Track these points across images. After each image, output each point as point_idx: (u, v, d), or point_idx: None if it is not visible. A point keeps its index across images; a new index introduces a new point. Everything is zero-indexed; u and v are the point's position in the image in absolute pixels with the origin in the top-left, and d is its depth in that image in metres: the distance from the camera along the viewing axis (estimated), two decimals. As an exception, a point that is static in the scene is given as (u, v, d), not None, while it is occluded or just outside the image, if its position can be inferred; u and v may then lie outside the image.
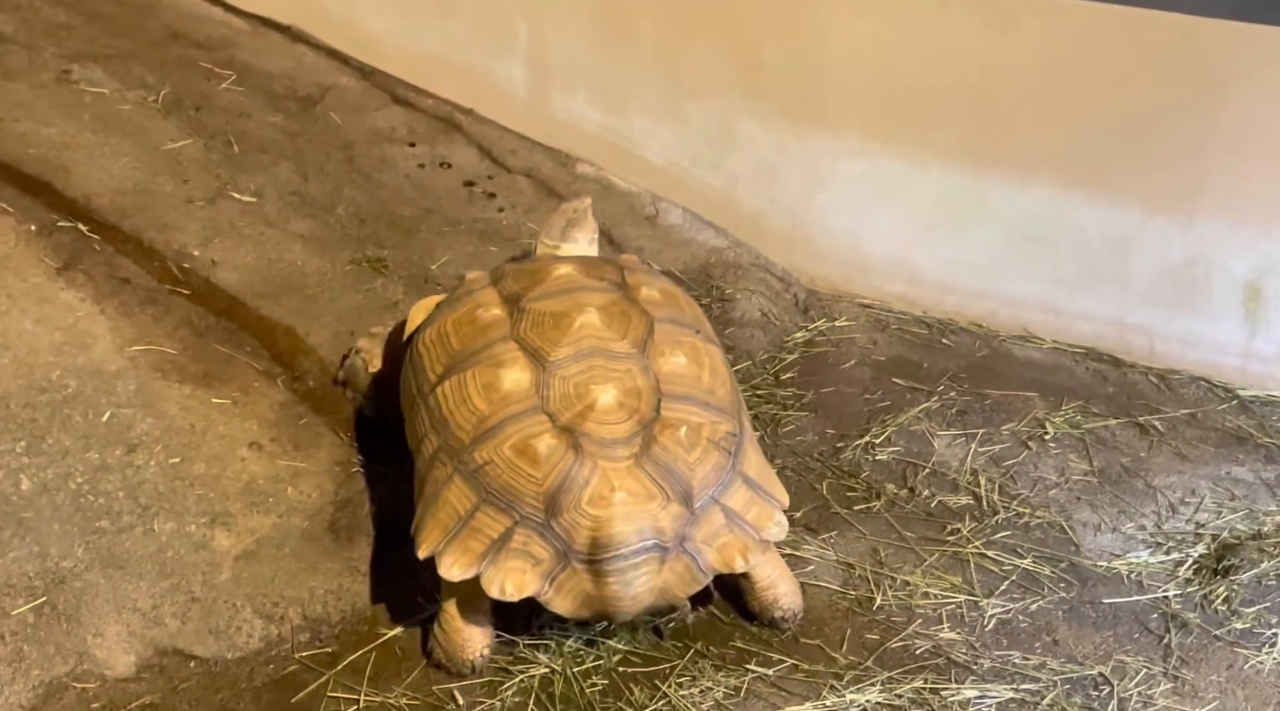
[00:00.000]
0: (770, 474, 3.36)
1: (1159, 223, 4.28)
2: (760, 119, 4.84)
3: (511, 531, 3.08)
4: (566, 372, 3.19)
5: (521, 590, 3.05)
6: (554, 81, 5.35)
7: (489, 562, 3.08)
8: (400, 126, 5.27)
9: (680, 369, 3.28)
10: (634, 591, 3.06)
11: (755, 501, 3.22)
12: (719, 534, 3.15)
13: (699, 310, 3.69)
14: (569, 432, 3.09)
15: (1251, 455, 4.02)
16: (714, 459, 3.17)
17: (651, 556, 3.05)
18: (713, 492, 3.16)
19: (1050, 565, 3.60)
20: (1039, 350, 4.56)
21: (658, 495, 3.07)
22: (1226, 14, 3.93)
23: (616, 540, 3.01)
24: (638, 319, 3.35)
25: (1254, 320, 4.26)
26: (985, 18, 4.30)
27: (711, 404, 3.26)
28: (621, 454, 3.09)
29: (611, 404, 3.13)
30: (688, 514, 3.11)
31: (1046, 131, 4.37)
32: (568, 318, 3.28)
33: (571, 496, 3.04)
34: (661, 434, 3.12)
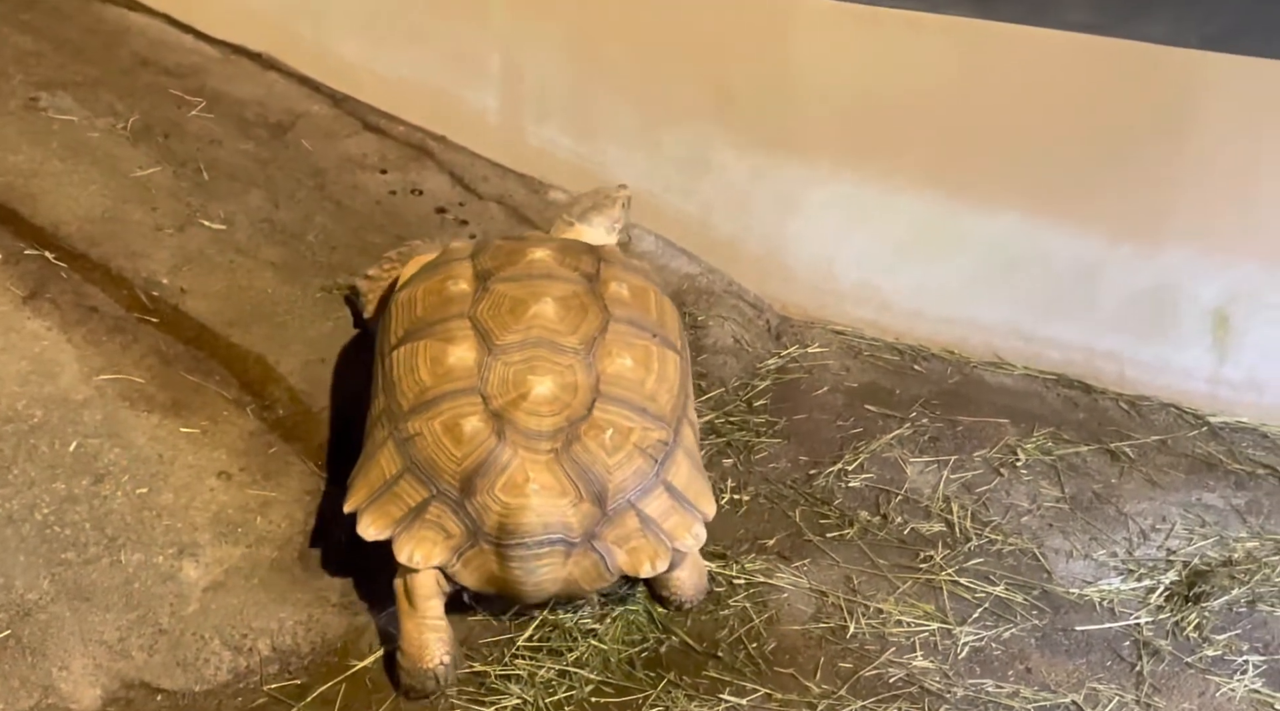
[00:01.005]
0: (701, 485, 3.39)
1: (1127, 249, 4.30)
2: (733, 146, 4.86)
3: (428, 503, 3.18)
4: (510, 359, 3.27)
5: (429, 560, 3.15)
6: (526, 108, 5.35)
7: (403, 529, 3.18)
8: (372, 153, 5.26)
9: (624, 371, 3.33)
10: (536, 578, 3.15)
11: (676, 511, 3.27)
12: (631, 537, 3.21)
13: (671, 312, 3.69)
14: (498, 418, 3.17)
15: (1222, 482, 4.04)
16: (636, 464, 3.23)
17: (556, 549, 3.13)
18: (630, 497, 3.21)
19: (1023, 592, 3.60)
20: (1010, 376, 4.58)
21: (570, 492, 3.14)
22: (1194, 44, 3.97)
23: (522, 529, 3.10)
24: (594, 315, 3.41)
25: (1222, 347, 4.29)
26: (955, 45, 4.33)
27: (649, 410, 3.31)
28: (543, 447, 3.16)
29: (545, 396, 3.21)
30: (599, 514, 3.17)
31: (1016, 158, 4.40)
32: (524, 305, 3.37)
33: (487, 480, 3.12)
34: (587, 433, 3.18)
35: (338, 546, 3.50)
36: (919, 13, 4.32)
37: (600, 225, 4.07)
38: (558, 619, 3.39)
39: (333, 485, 3.67)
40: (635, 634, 3.40)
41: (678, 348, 3.56)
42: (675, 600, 3.47)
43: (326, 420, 3.89)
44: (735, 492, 3.93)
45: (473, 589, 3.24)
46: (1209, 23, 3.92)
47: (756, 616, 3.48)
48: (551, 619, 3.39)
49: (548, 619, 3.39)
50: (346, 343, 4.16)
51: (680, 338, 3.65)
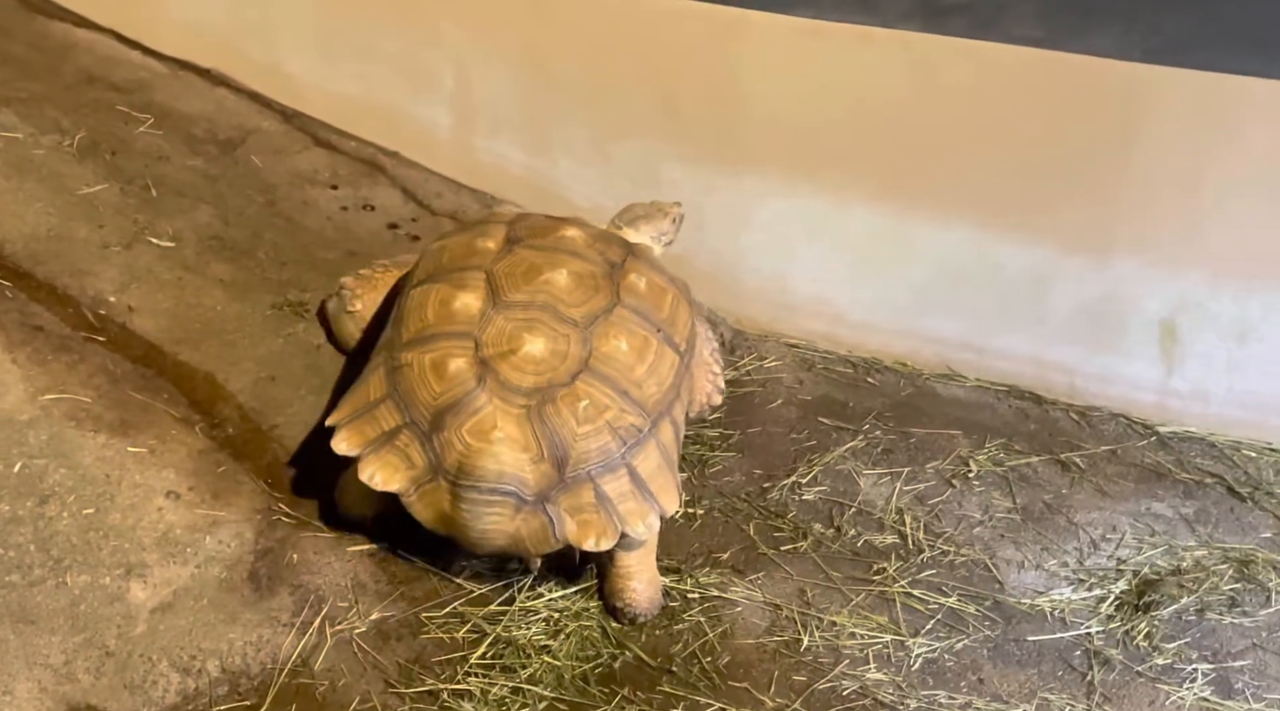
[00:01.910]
0: (666, 481, 3.45)
1: (1075, 262, 4.35)
2: (684, 160, 4.88)
3: (400, 430, 3.36)
4: (511, 315, 3.45)
5: (387, 484, 3.32)
6: (478, 124, 5.36)
7: (372, 449, 3.36)
8: (323, 169, 5.24)
9: (617, 353, 3.45)
10: (483, 525, 3.28)
11: (634, 496, 3.36)
12: (584, 510, 3.31)
13: (685, 319, 3.79)
14: (484, 365, 3.35)
15: (1170, 491, 4.09)
16: (603, 440, 3.34)
17: (507, 501, 3.25)
18: (591, 470, 3.32)
19: (975, 603, 3.63)
20: (962, 388, 4.61)
21: (533, 449, 3.27)
22: (1138, 57, 4.02)
23: (478, 472, 3.23)
24: (604, 296, 3.56)
25: (1169, 357, 4.34)
26: (905, 59, 4.37)
27: (631, 395, 3.42)
28: (518, 401, 3.31)
29: (534, 355, 3.36)
30: (557, 477, 3.29)
31: (966, 171, 4.44)
32: (539, 271, 3.55)
33: (457, 419, 3.29)
34: (563, 399, 3.32)
35: (288, 567, 3.48)
36: (868, 27, 4.36)
37: (646, 233, 4.16)
38: (510, 636, 3.38)
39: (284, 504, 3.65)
40: (589, 650, 3.39)
41: (680, 350, 3.67)
42: (629, 612, 3.48)
43: (277, 438, 3.87)
44: (690, 506, 3.93)
45: (425, 524, 3.36)
46: (1153, 36, 3.99)
47: (711, 630, 3.49)
48: (505, 636, 3.38)
49: (500, 636, 3.37)
50: (298, 359, 4.14)
51: (688, 344, 3.77)
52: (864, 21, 4.36)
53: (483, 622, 3.42)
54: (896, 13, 4.30)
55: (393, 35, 5.37)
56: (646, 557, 3.51)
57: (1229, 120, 4.00)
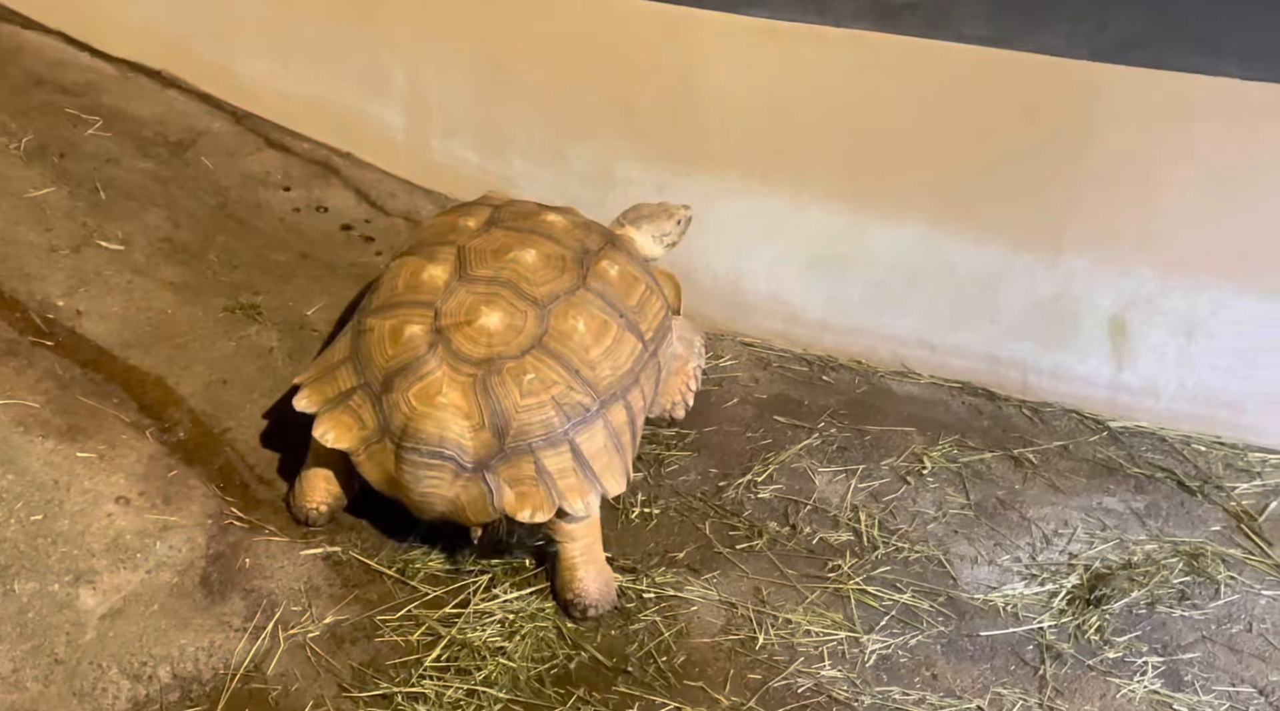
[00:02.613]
0: (611, 462, 3.52)
1: (1027, 259, 4.39)
2: (639, 159, 4.88)
3: (354, 391, 3.51)
4: (474, 288, 3.55)
5: (338, 442, 3.47)
6: (432, 124, 5.34)
7: (328, 408, 3.52)
8: (275, 171, 5.22)
9: (573, 333, 3.54)
10: (423, 488, 3.41)
11: (575, 473, 3.44)
12: (523, 482, 3.40)
13: (657, 311, 3.85)
14: (439, 334, 3.47)
15: (1121, 485, 4.13)
16: (546, 414, 3.43)
17: (445, 465, 3.38)
18: (532, 443, 3.41)
19: (929, 599, 3.65)
20: (916, 385, 4.64)
21: (474, 417, 3.38)
22: (1086, 55, 4.06)
23: (419, 435, 3.37)
24: (570, 279, 3.64)
25: (1120, 354, 4.39)
26: (858, 58, 4.39)
27: (582, 374, 3.51)
28: (466, 370, 3.42)
29: (488, 328, 3.47)
30: (497, 447, 3.39)
31: (919, 170, 4.46)
32: (508, 249, 3.64)
33: (406, 382, 3.42)
34: (509, 371, 3.42)
35: (240, 571, 3.46)
36: (821, 26, 4.38)
37: (648, 232, 4.20)
38: (465, 638, 3.38)
39: (236, 508, 3.63)
40: (545, 651, 3.39)
41: (644, 339, 3.72)
42: (579, 603, 3.50)
43: (229, 442, 3.85)
44: (645, 506, 3.94)
45: (371, 483, 3.51)
46: (1101, 35, 4.02)
47: (666, 630, 3.49)
48: (460, 638, 3.38)
49: (455, 638, 3.37)
50: (250, 362, 4.12)
51: (656, 336, 3.81)
52: (817, 21, 4.37)
53: (437, 625, 3.41)
54: (849, 12, 4.32)
55: (346, 35, 5.35)
56: (591, 548, 3.54)
57: (1177, 118, 4.04)
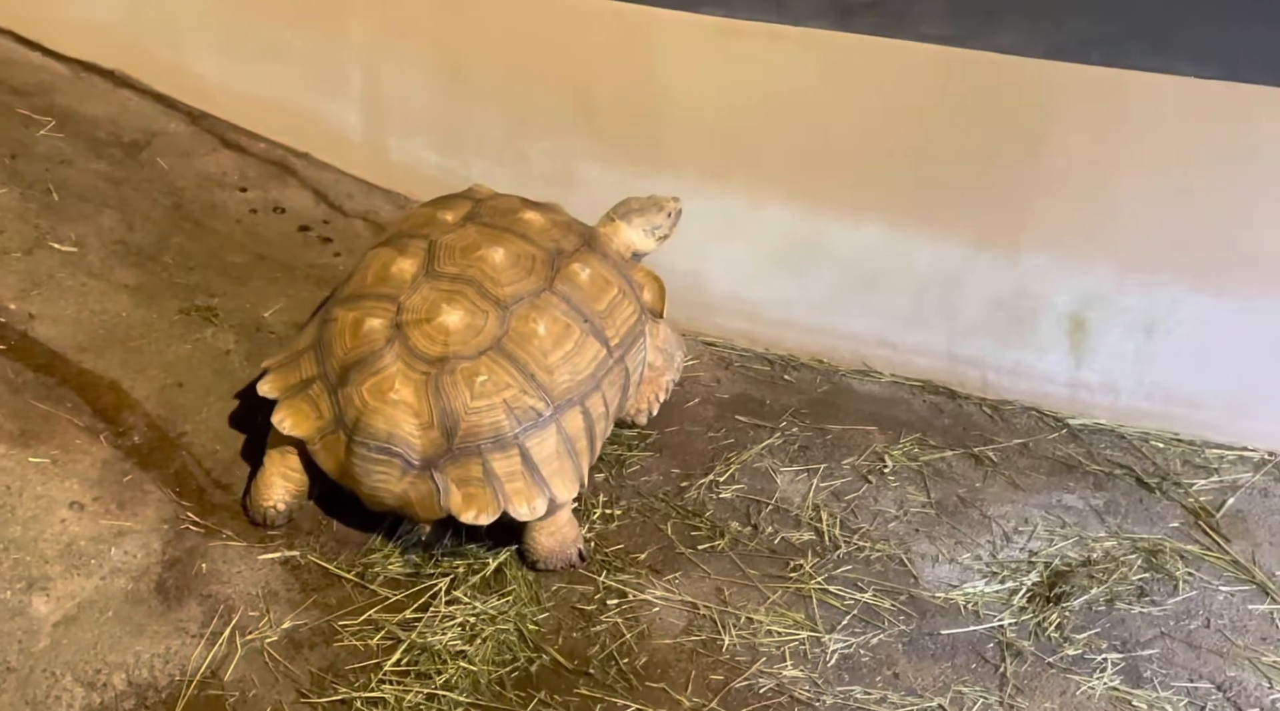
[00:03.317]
0: (562, 467, 3.53)
1: (986, 257, 4.41)
2: (599, 159, 4.88)
3: (314, 380, 3.55)
4: (438, 285, 3.56)
5: (295, 430, 3.51)
6: (390, 124, 5.32)
7: (288, 396, 3.57)
8: (231, 171, 5.18)
9: (532, 336, 3.54)
10: (372, 482, 3.45)
11: (523, 477, 3.46)
12: (471, 483, 3.43)
13: (627, 317, 3.84)
14: (398, 329, 3.49)
15: (1081, 483, 4.16)
16: (495, 417, 3.44)
17: (393, 461, 3.41)
18: (481, 444, 3.43)
19: (890, 598, 3.66)
20: (878, 384, 4.66)
21: (424, 415, 3.41)
22: (1042, 54, 4.08)
23: (369, 429, 3.41)
24: (536, 280, 3.64)
25: (1079, 351, 4.42)
26: (816, 57, 4.40)
27: (538, 379, 3.51)
28: (420, 368, 3.44)
29: (446, 326, 3.48)
30: (445, 446, 3.42)
31: (878, 169, 4.48)
32: (477, 247, 3.64)
33: (360, 376, 3.45)
34: (461, 371, 3.44)
35: (197, 576, 3.43)
36: (779, 25, 4.39)
37: (639, 226, 4.19)
38: (426, 642, 3.36)
39: (192, 513, 3.60)
40: (506, 654, 3.38)
41: (610, 346, 3.72)
42: (530, 557, 3.65)
43: (185, 446, 3.82)
44: (607, 507, 3.93)
45: (326, 472, 3.55)
46: (1057, 33, 4.05)
47: (628, 631, 3.49)
48: (420, 642, 3.36)
49: (415, 642, 3.35)
50: (206, 365, 4.09)
51: (624, 342, 3.80)
52: (775, 20, 4.38)
53: (397, 629, 3.39)
54: (807, 11, 4.33)
55: (302, 34, 5.32)
56: (553, 517, 3.59)
57: (1132, 116, 4.07)
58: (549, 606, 3.55)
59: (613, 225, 4.17)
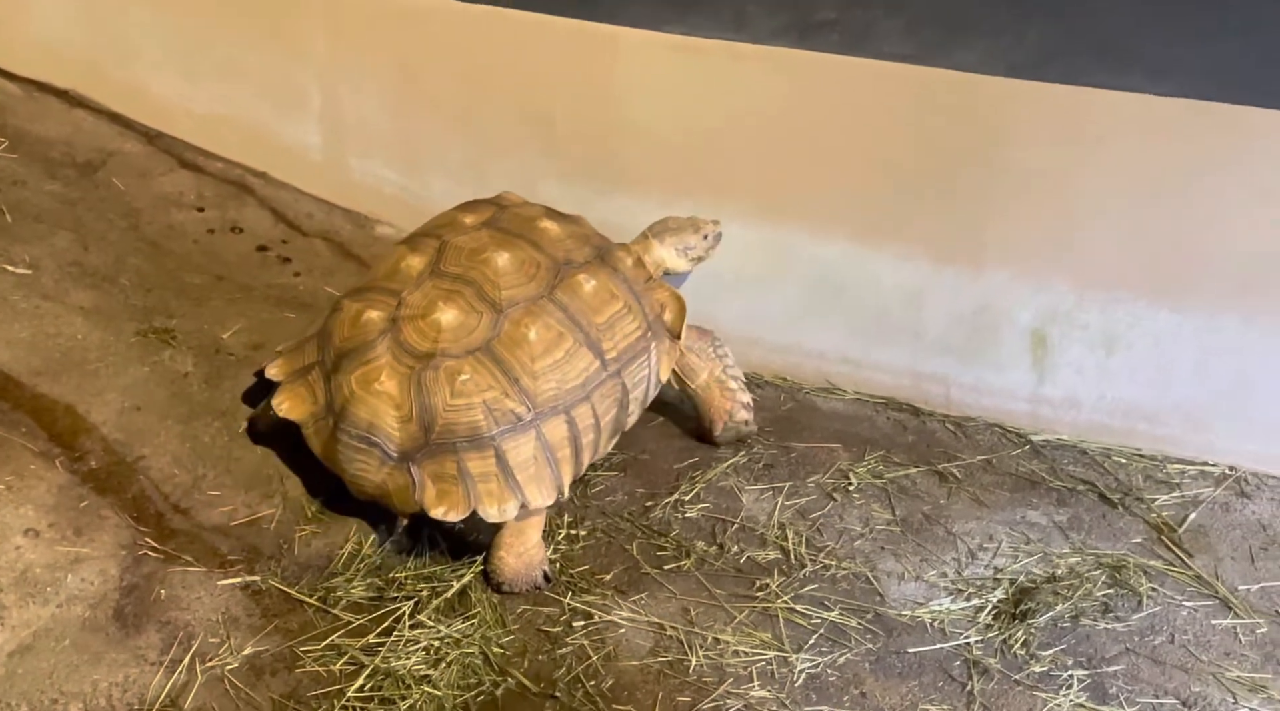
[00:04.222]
0: (538, 473, 3.57)
1: (948, 274, 4.43)
2: (561, 177, 4.88)
3: (313, 366, 3.72)
4: (440, 284, 3.67)
5: (291, 413, 3.68)
6: (350, 143, 5.30)
7: (289, 380, 3.75)
8: (188, 191, 5.14)
9: (522, 340, 3.60)
10: (354, 469, 3.57)
11: (496, 478, 3.51)
12: (444, 479, 3.50)
13: (628, 333, 3.86)
14: (394, 323, 3.61)
15: (1044, 499, 4.18)
16: (473, 416, 3.51)
17: (372, 451, 3.54)
18: (456, 442, 3.50)
19: (857, 616, 3.67)
20: (842, 401, 4.67)
21: (404, 409, 3.52)
22: (1002, 71, 4.12)
23: (351, 419, 3.55)
24: (536, 287, 3.72)
25: (1041, 367, 4.45)
26: (779, 76, 4.41)
27: (521, 383, 3.57)
28: (408, 362, 3.55)
29: (439, 323, 3.58)
30: (423, 440, 3.51)
31: (841, 187, 4.50)
32: (484, 250, 3.73)
33: (351, 365, 3.59)
34: (445, 369, 3.52)
35: (156, 602, 3.39)
36: (740, 43, 4.40)
37: (671, 246, 4.29)
38: (389, 667, 3.33)
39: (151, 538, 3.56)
40: (471, 678, 3.36)
41: (604, 359, 3.75)
42: (494, 578, 3.65)
43: (143, 469, 3.77)
44: (572, 528, 3.92)
45: (317, 455, 3.67)
46: (1016, 51, 4.08)
47: (594, 653, 3.47)
48: (384, 667, 3.33)
49: (379, 667, 3.33)
50: (164, 388, 4.04)
51: (623, 356, 3.82)
52: (736, 38, 4.40)
53: (360, 654, 3.36)
54: (768, 29, 4.35)
55: (258, 53, 5.30)
56: (523, 533, 3.62)
57: (1091, 133, 4.11)
58: (514, 629, 3.53)
59: (645, 242, 4.27)
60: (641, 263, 4.16)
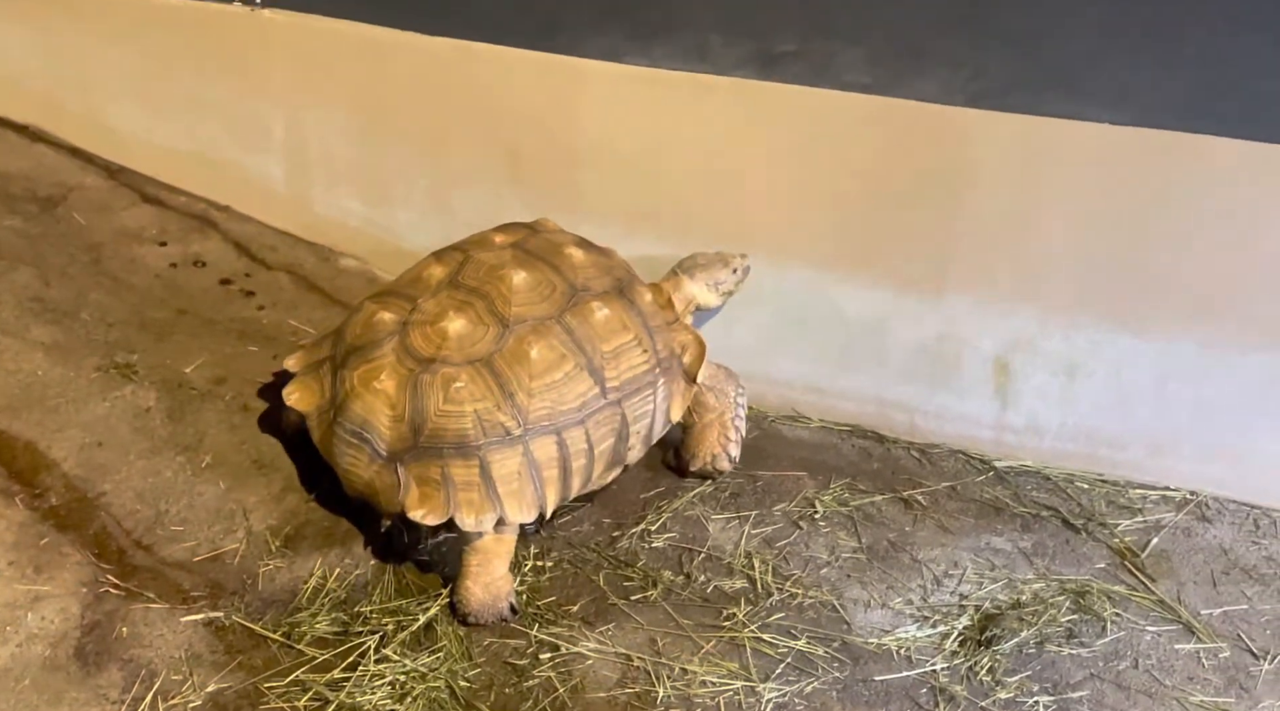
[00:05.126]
0: (522, 488, 3.60)
1: (912, 302, 4.47)
2: (524, 208, 4.88)
3: (325, 361, 3.88)
4: (455, 294, 3.78)
5: (299, 404, 3.83)
6: (314, 176, 5.30)
7: (302, 372, 3.90)
8: (150, 226, 5.13)
9: (523, 357, 3.65)
10: (345, 463, 3.68)
11: (477, 488, 3.55)
12: (428, 483, 3.56)
13: (635, 365, 3.86)
14: (404, 327, 3.72)
15: (1009, 525, 4.21)
16: (462, 425, 3.57)
17: (363, 447, 3.64)
18: (443, 448, 3.57)
19: (824, 645, 3.68)
20: (807, 429, 4.69)
21: (399, 408, 3.60)
22: (962, 102, 4.17)
23: (347, 413, 3.68)
24: (548, 307, 3.78)
25: (1004, 394, 4.48)
26: (741, 106, 4.45)
27: (516, 399, 3.62)
28: (409, 364, 3.64)
29: (445, 331, 3.67)
30: (411, 441, 3.59)
31: (805, 215, 4.53)
32: (503, 267, 3.82)
33: (357, 361, 3.72)
34: (441, 374, 3.59)
35: (118, 641, 3.37)
36: (703, 74, 4.44)
37: (701, 280, 4.35)
38: (355, 702, 3.32)
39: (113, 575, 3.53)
40: (437, 711, 3.36)
41: (605, 387, 3.78)
42: (459, 610, 3.65)
43: (105, 506, 3.76)
44: (538, 559, 3.92)
45: (316, 444, 3.79)
46: (976, 82, 4.13)
47: (561, 685, 3.47)
48: (349, 702, 3.32)
49: (344, 702, 3.31)
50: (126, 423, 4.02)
51: (625, 388, 3.84)
52: (699, 69, 4.43)
53: (325, 690, 3.35)
54: (730, 60, 4.39)
55: (221, 86, 5.30)
56: (488, 563, 3.62)
57: (1051, 162, 4.15)
58: (480, 662, 3.53)
59: (675, 279, 4.32)
60: (669, 302, 4.22)
